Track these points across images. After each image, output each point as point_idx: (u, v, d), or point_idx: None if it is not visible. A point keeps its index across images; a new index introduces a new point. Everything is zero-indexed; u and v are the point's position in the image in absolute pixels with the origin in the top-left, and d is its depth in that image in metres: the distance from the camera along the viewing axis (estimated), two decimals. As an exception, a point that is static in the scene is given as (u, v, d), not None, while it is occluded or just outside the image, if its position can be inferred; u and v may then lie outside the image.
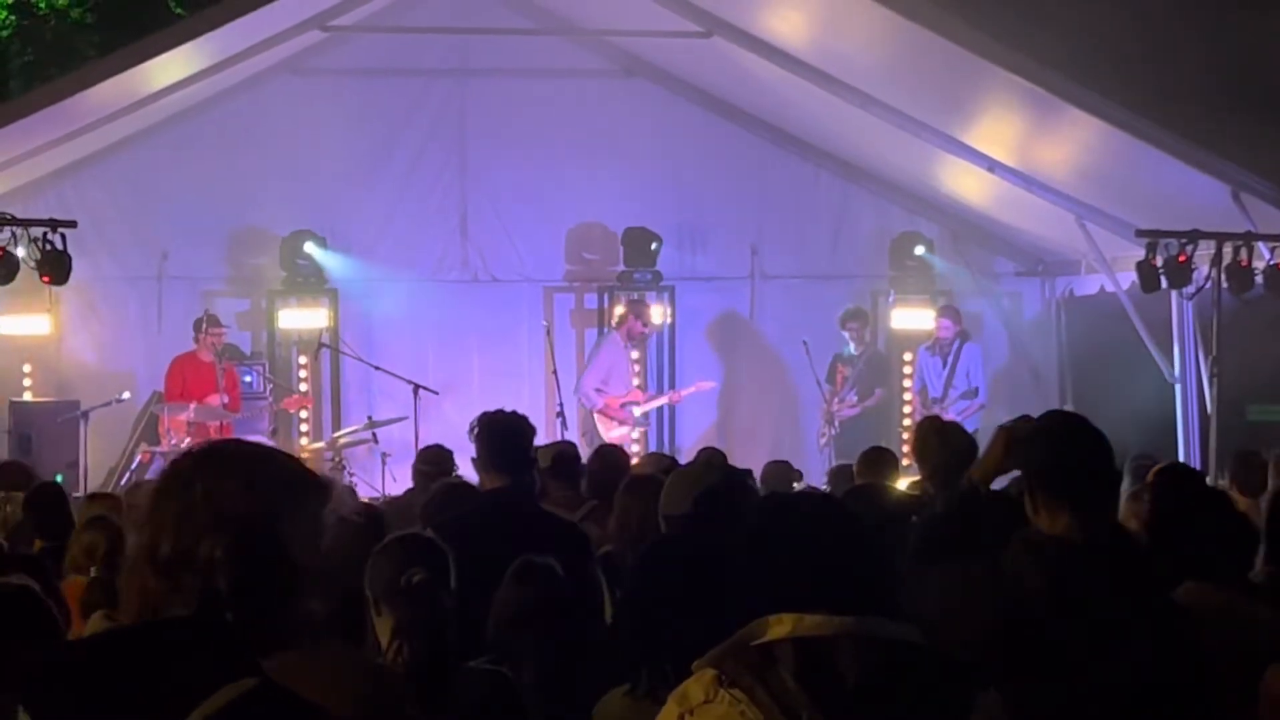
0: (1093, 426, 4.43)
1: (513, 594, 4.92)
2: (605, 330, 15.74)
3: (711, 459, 8.49)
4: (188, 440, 13.80)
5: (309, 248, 15.01)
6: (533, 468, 6.68)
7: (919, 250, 16.02)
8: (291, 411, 15.13)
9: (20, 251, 12.47)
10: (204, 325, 14.48)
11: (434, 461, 9.31)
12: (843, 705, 2.85)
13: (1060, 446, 4.35)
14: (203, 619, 2.56)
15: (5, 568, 5.28)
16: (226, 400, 14.21)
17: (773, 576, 3.06)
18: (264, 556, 2.60)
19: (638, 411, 15.31)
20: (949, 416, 14.65)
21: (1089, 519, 4.31)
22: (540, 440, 10.29)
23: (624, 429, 15.10)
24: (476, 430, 6.57)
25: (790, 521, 3.19)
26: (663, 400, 15.68)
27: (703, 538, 5.09)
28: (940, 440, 6.51)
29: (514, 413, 6.68)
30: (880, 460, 8.73)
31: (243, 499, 2.63)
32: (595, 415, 15.08)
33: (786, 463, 10.50)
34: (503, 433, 6.50)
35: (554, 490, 7.96)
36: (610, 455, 8.99)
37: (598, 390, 15.14)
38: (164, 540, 2.61)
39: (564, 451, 8.63)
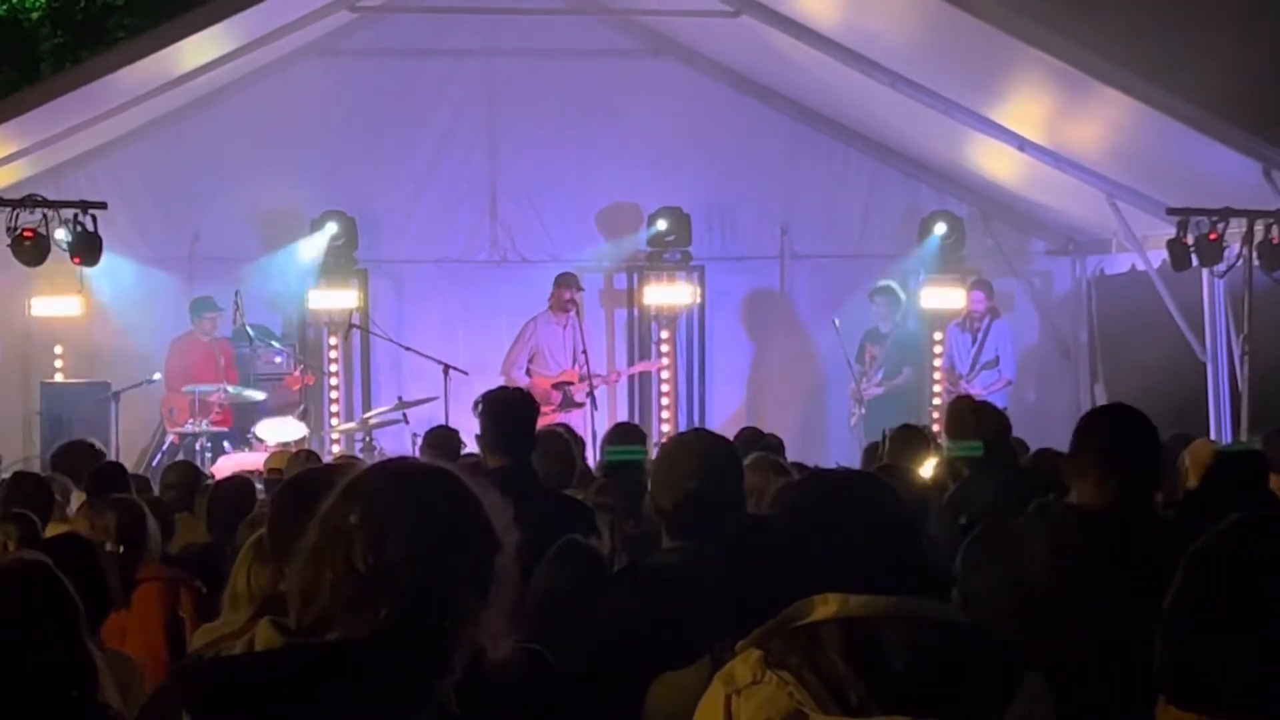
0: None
1: (553, 574, 4.91)
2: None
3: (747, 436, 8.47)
4: (192, 421, 13.86)
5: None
6: (534, 447, 6.54)
7: (947, 229, 15.93)
8: (295, 390, 15.09)
9: (52, 233, 12.52)
10: (200, 308, 14.57)
11: (439, 443, 9.26)
12: (891, 686, 2.84)
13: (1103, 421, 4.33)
14: (384, 641, 2.53)
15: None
16: (226, 385, 14.20)
17: (816, 556, 3.06)
18: (442, 585, 2.59)
19: (574, 393, 14.87)
20: (973, 391, 14.64)
21: (1119, 489, 4.31)
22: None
23: (559, 410, 14.67)
24: (481, 408, 6.49)
25: (834, 500, 3.19)
26: (602, 381, 15.19)
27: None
28: (976, 419, 6.49)
29: (517, 390, 6.59)
30: (913, 438, 8.61)
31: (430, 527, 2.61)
32: None
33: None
34: (504, 412, 6.40)
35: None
36: (626, 432, 8.92)
37: (521, 369, 14.95)
38: (367, 551, 2.57)
39: (547, 432, 8.49)
